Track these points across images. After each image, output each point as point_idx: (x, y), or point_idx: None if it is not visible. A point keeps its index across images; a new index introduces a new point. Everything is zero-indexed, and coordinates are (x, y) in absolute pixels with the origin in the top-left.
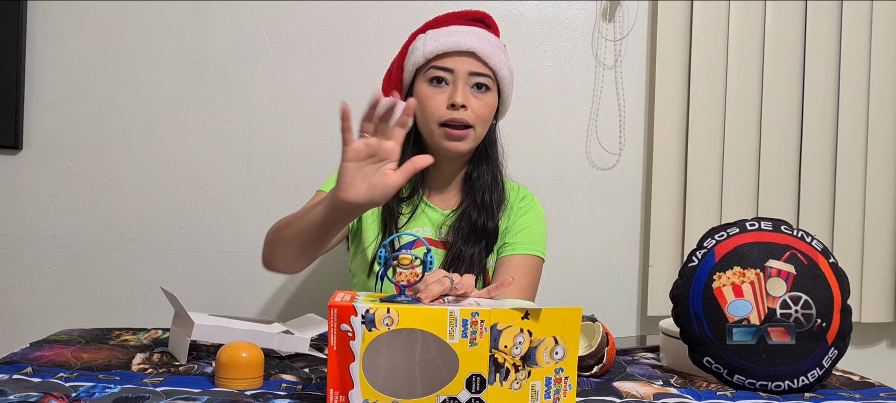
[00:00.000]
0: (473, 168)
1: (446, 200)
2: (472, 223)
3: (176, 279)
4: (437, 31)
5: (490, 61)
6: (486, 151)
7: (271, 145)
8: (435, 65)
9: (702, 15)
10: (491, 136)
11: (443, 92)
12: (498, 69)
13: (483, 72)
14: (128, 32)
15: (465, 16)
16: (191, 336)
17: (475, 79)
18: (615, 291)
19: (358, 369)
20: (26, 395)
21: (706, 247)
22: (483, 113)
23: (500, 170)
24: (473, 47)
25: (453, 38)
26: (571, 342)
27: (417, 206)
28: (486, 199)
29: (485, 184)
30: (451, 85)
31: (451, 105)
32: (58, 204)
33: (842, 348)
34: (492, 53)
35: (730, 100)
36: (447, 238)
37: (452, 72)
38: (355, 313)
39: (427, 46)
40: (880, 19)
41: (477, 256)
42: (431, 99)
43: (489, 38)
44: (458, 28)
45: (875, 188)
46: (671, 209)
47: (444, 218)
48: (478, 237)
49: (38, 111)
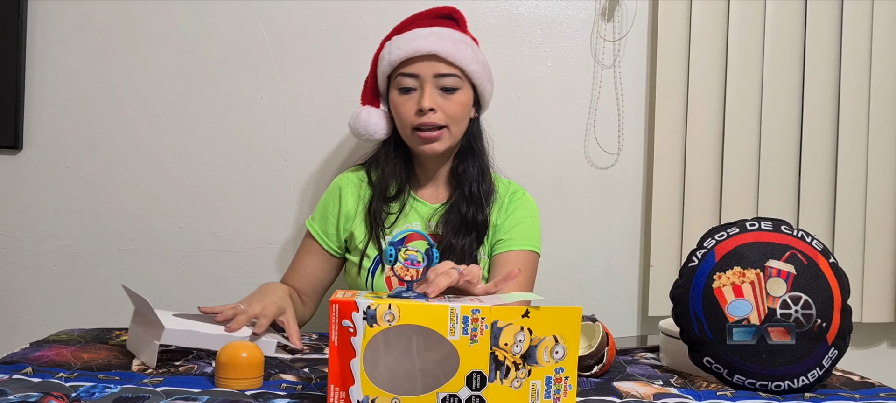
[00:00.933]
0: (459, 162)
1: (435, 194)
2: (461, 216)
3: (176, 279)
4: (401, 38)
5: (455, 59)
6: (471, 145)
7: (271, 145)
8: (401, 72)
9: (701, 15)
10: (474, 130)
11: (411, 98)
12: (465, 65)
13: (449, 72)
14: (128, 33)
15: (431, 14)
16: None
17: (442, 81)
18: (615, 291)
19: (359, 365)
20: (26, 395)
21: (706, 247)
22: (454, 112)
23: (486, 162)
24: (434, 49)
25: (413, 44)
26: (571, 341)
27: (406, 202)
28: (474, 191)
29: (472, 177)
30: (419, 90)
31: (418, 111)
32: (58, 204)
33: (842, 348)
34: (455, 51)
35: (730, 100)
36: (437, 231)
37: (418, 77)
38: (357, 309)
39: (391, 55)
40: (880, 19)
41: (468, 248)
42: (402, 106)
43: (452, 35)
44: (418, 31)
45: (875, 188)
46: (671, 209)
47: (433, 211)
48: (468, 229)
49: (38, 111)
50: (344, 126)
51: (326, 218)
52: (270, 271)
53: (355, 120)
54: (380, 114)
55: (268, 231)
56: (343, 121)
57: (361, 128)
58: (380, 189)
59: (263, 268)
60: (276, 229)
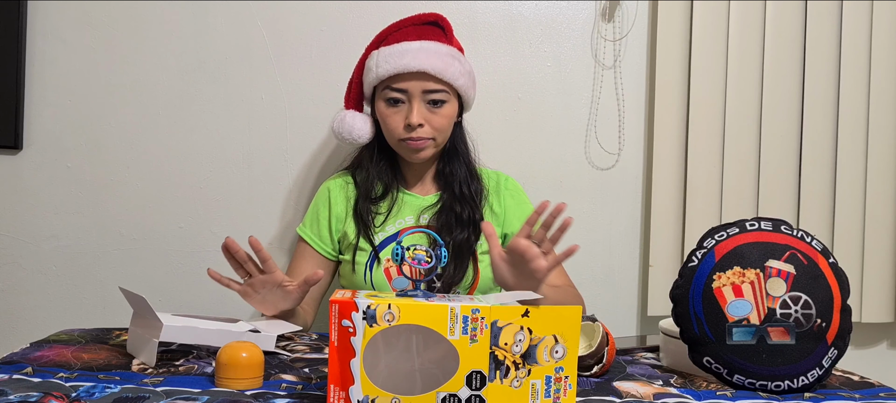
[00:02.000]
0: (445, 164)
1: (424, 189)
2: (456, 215)
3: (176, 279)
4: (389, 50)
5: (443, 76)
6: (455, 148)
7: (271, 145)
8: (389, 85)
9: (702, 15)
10: (458, 133)
11: (399, 111)
12: (453, 81)
13: (437, 88)
14: (128, 32)
15: (417, 21)
16: (159, 337)
17: (430, 96)
18: (615, 291)
19: (359, 365)
20: (26, 395)
21: (706, 247)
22: (441, 125)
23: (472, 162)
24: (424, 67)
25: (403, 61)
26: (571, 341)
27: (396, 200)
28: (465, 192)
29: (460, 177)
30: (407, 104)
31: (407, 126)
32: (58, 204)
33: (842, 348)
34: (445, 68)
35: (730, 100)
36: (430, 223)
37: (406, 92)
38: (356, 308)
39: (379, 69)
40: (880, 19)
41: (465, 244)
42: (390, 118)
43: (440, 50)
44: (408, 46)
45: (875, 188)
46: (671, 209)
47: (423, 204)
48: (463, 226)
49: (38, 111)
50: None
51: (319, 222)
52: None
53: (340, 123)
54: (364, 119)
55: (268, 231)
56: None
57: (346, 132)
58: (365, 190)
59: None
60: (276, 229)
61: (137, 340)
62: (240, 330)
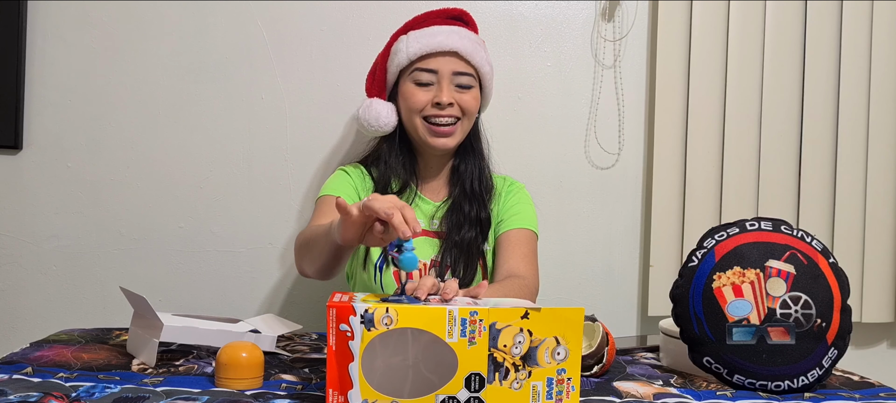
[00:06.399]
0: (460, 161)
1: (436, 192)
2: (464, 213)
3: (176, 279)
4: (420, 32)
5: (472, 59)
6: (471, 145)
7: (271, 145)
8: (419, 66)
9: (701, 15)
10: (475, 130)
11: (428, 91)
12: (480, 66)
13: (466, 70)
14: (128, 32)
15: (443, 14)
16: (159, 337)
17: (459, 78)
18: (615, 291)
19: (357, 369)
20: (26, 395)
21: (706, 247)
22: (470, 105)
23: (485, 161)
24: (456, 47)
25: (436, 39)
26: (574, 343)
27: (411, 201)
28: (475, 189)
29: (473, 175)
30: (437, 85)
31: (436, 104)
32: (58, 204)
33: (842, 348)
34: (474, 51)
35: (730, 100)
36: (441, 228)
37: (436, 73)
38: (354, 313)
39: (410, 48)
40: (880, 19)
41: (473, 243)
42: (414, 96)
43: (470, 35)
44: (439, 28)
45: (875, 188)
46: (671, 209)
47: (435, 209)
48: (471, 225)
49: (38, 111)
50: (344, 126)
51: (342, 187)
52: (270, 271)
53: (366, 109)
54: (390, 107)
55: (268, 231)
56: (343, 121)
57: (372, 119)
58: (382, 185)
59: (263, 268)
60: (276, 229)
61: (137, 340)
62: (240, 330)
